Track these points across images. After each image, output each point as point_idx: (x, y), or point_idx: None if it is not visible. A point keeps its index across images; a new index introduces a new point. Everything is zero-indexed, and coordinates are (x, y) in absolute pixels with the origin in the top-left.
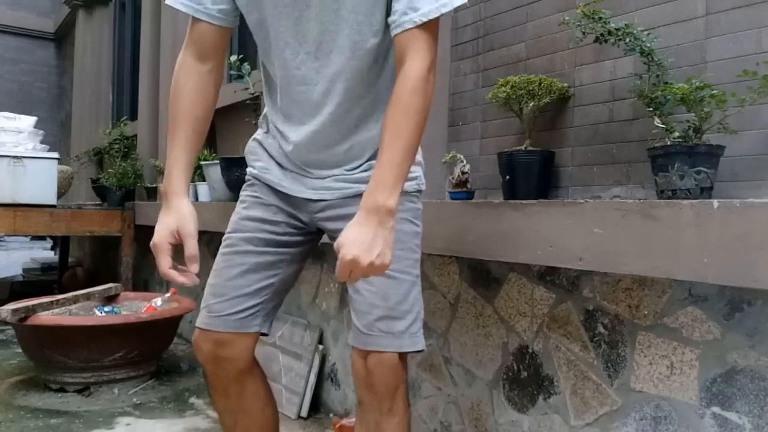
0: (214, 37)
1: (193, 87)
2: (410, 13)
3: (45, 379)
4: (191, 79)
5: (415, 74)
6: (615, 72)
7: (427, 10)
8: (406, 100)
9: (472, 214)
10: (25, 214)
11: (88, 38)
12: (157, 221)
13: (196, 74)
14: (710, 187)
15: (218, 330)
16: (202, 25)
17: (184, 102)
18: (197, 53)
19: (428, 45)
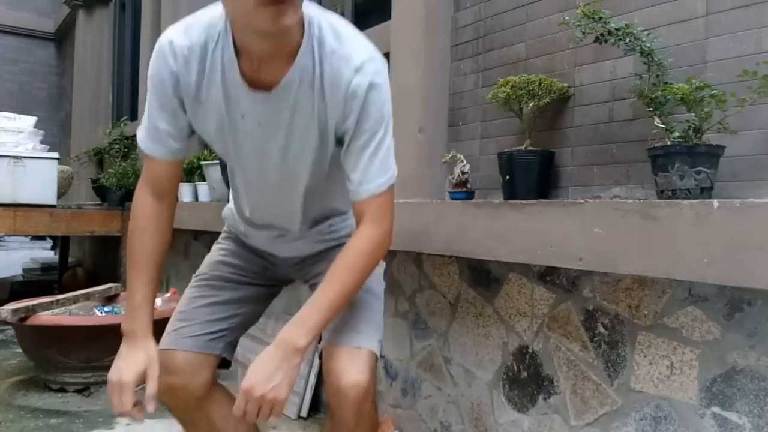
0: (171, 170)
1: (154, 228)
2: (366, 184)
3: (45, 379)
4: (152, 221)
5: (368, 239)
6: (615, 72)
7: (380, 182)
8: (353, 258)
9: (472, 214)
10: (25, 214)
11: (88, 38)
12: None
13: (156, 215)
14: (710, 187)
15: (184, 349)
16: (161, 163)
17: (147, 244)
18: (156, 191)
19: (383, 211)
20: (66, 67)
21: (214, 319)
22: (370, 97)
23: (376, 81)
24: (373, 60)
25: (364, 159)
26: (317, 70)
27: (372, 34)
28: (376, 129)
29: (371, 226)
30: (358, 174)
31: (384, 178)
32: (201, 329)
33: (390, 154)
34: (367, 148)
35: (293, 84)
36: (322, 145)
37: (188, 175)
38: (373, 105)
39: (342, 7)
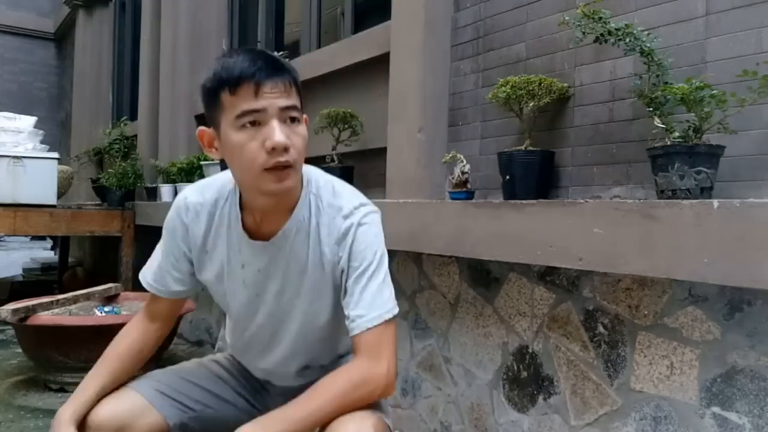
0: (170, 307)
1: (136, 333)
2: (357, 320)
3: (45, 379)
4: (137, 329)
5: (358, 369)
6: (615, 72)
7: (372, 317)
8: (337, 382)
9: (472, 214)
10: (25, 214)
11: (88, 38)
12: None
13: (141, 326)
14: (710, 187)
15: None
16: (163, 301)
17: (120, 346)
18: (149, 316)
19: (378, 346)
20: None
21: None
22: (358, 235)
23: (364, 221)
24: (363, 206)
25: (355, 294)
26: (314, 221)
27: (372, 34)
28: (366, 265)
29: (365, 360)
30: (351, 309)
31: (376, 312)
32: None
33: (384, 289)
34: (359, 283)
35: (290, 233)
36: (315, 289)
37: (188, 175)
38: (361, 242)
39: (342, 7)
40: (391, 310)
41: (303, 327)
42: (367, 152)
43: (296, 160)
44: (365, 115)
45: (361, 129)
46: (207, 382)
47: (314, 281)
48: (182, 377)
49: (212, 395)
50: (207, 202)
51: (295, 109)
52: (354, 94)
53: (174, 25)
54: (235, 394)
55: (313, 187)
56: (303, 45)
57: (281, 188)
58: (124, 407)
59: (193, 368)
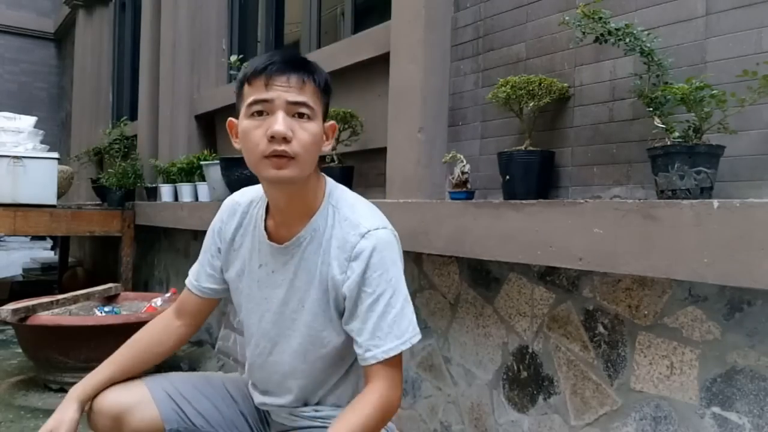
0: (198, 307)
1: (156, 327)
2: (373, 349)
3: (45, 379)
4: (160, 323)
5: (384, 398)
6: (615, 72)
7: (389, 347)
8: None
9: (472, 214)
10: (25, 214)
11: (88, 38)
12: None
13: (166, 320)
14: (710, 187)
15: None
16: (191, 295)
17: (146, 334)
18: (177, 311)
19: (393, 379)
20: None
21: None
22: (373, 261)
23: (381, 246)
24: (382, 229)
25: (371, 322)
26: (328, 233)
27: (372, 34)
28: (381, 292)
29: (385, 388)
30: (365, 338)
31: (394, 342)
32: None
33: (403, 318)
34: (373, 311)
35: (303, 241)
36: (320, 305)
37: (188, 176)
38: (376, 269)
39: (342, 7)
40: (409, 339)
41: (304, 344)
42: (367, 152)
43: (297, 153)
44: (365, 115)
45: (361, 129)
46: (217, 398)
47: (320, 295)
48: (195, 386)
49: (218, 412)
50: (243, 203)
51: (305, 105)
52: (354, 94)
53: (174, 25)
54: (241, 416)
55: (334, 199)
56: (303, 45)
57: (277, 176)
58: (127, 398)
59: (209, 381)
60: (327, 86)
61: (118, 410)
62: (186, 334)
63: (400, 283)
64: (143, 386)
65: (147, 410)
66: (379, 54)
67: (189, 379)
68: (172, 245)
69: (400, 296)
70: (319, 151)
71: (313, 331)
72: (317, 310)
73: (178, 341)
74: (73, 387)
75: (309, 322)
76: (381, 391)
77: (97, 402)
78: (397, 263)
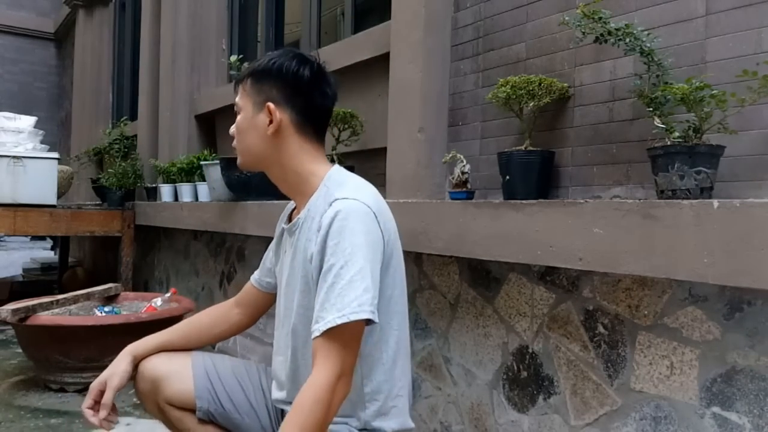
0: (257, 297)
1: (216, 310)
2: (319, 321)
3: (45, 379)
4: (220, 308)
5: (317, 385)
6: (615, 72)
7: (328, 320)
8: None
9: (472, 214)
10: (25, 214)
11: (88, 38)
12: None
13: (226, 307)
14: (710, 187)
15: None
16: (251, 286)
17: (204, 316)
18: (237, 301)
19: (335, 353)
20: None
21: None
22: (333, 229)
23: (342, 214)
24: (351, 199)
25: (321, 293)
26: (319, 210)
27: (372, 34)
28: (333, 262)
29: (322, 371)
30: (316, 310)
31: (333, 315)
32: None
33: (349, 291)
34: (325, 281)
35: (300, 222)
36: (305, 282)
37: (188, 176)
38: (333, 237)
39: (342, 7)
40: (348, 315)
41: (296, 324)
42: (367, 152)
43: (235, 145)
44: (365, 115)
45: (361, 129)
46: (250, 388)
47: (304, 272)
48: (234, 373)
49: (248, 402)
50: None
51: (235, 104)
52: (354, 94)
53: (174, 25)
54: (267, 410)
55: (329, 181)
56: (303, 45)
57: (239, 164)
58: (169, 367)
59: (247, 370)
60: (256, 73)
61: (158, 375)
62: (242, 323)
63: (357, 254)
64: (188, 359)
65: (183, 382)
66: (379, 54)
67: (231, 364)
68: (172, 245)
69: (353, 268)
70: (251, 137)
71: (302, 309)
72: (303, 288)
73: (233, 328)
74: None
75: (300, 300)
76: (318, 376)
77: (142, 364)
78: (358, 234)
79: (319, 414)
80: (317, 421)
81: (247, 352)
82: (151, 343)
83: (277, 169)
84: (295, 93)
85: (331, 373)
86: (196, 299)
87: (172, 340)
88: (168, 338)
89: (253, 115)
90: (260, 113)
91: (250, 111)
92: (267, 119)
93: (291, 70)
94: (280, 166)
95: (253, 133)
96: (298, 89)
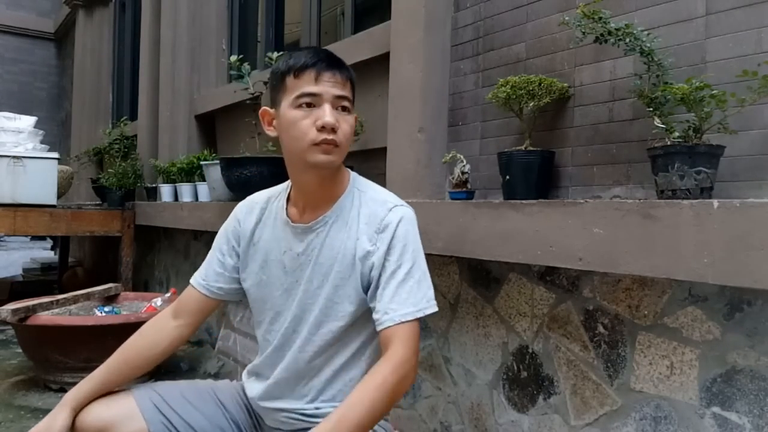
0: (201, 304)
1: (150, 331)
2: (390, 313)
3: (45, 379)
4: (155, 324)
5: (399, 357)
6: (615, 72)
7: (406, 312)
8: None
9: (472, 214)
10: (25, 214)
11: (88, 38)
12: None
13: (161, 322)
14: (710, 187)
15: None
16: (193, 292)
17: (140, 337)
18: (175, 311)
19: (411, 339)
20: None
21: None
22: (399, 232)
23: (405, 220)
24: (405, 206)
25: (390, 288)
26: (354, 212)
27: (372, 34)
28: (402, 262)
29: (401, 347)
30: (384, 303)
31: (411, 308)
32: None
33: (419, 289)
34: (394, 278)
35: (329, 220)
36: (343, 278)
37: (188, 176)
38: (400, 239)
39: (342, 7)
40: (423, 309)
41: (320, 316)
42: (367, 152)
43: (341, 141)
44: (365, 115)
45: (361, 129)
46: (205, 407)
47: (343, 268)
48: (184, 396)
49: (206, 421)
50: (260, 200)
51: (347, 100)
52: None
53: (174, 25)
54: (231, 423)
55: (359, 184)
56: (303, 45)
57: (326, 160)
58: (112, 412)
59: (197, 389)
60: (354, 84)
61: (103, 425)
62: (183, 335)
63: (419, 257)
64: (130, 398)
65: (134, 424)
66: (379, 54)
67: (178, 388)
68: (172, 245)
69: (419, 269)
70: (353, 140)
71: (330, 302)
72: (339, 283)
73: (174, 342)
74: (67, 392)
75: (329, 294)
76: (398, 353)
77: (79, 419)
78: (417, 239)
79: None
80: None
81: (247, 352)
82: (88, 388)
83: (335, 171)
84: None
85: (408, 353)
86: None
87: (111, 378)
88: (106, 376)
89: (355, 119)
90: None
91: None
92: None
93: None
94: (337, 169)
95: (353, 136)
96: None
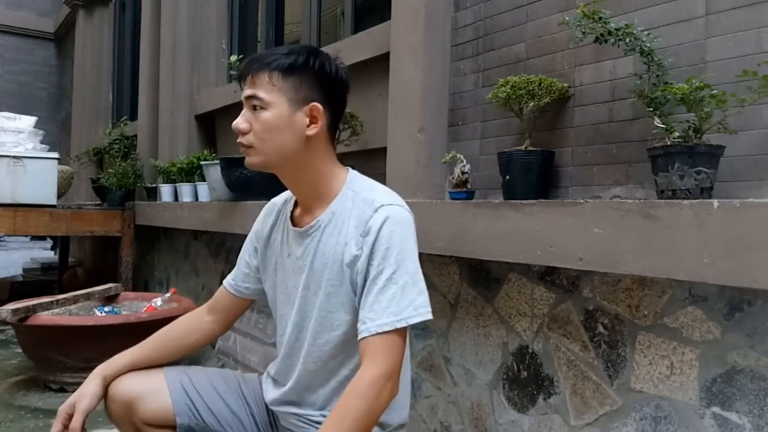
0: (233, 303)
1: (187, 320)
2: (368, 322)
3: (45, 379)
4: (191, 317)
5: (366, 381)
6: (615, 72)
7: (383, 322)
8: (348, 402)
9: (472, 214)
10: (25, 214)
11: (88, 38)
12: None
13: (197, 315)
14: (710, 187)
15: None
16: (226, 292)
17: (175, 325)
18: (209, 307)
19: (386, 352)
20: (66, 67)
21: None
22: (382, 234)
23: (391, 221)
24: (395, 206)
25: (371, 295)
26: (345, 214)
27: (372, 34)
28: (384, 267)
29: (371, 368)
30: (363, 312)
31: (390, 318)
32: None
33: (403, 296)
34: (375, 284)
35: (322, 224)
36: (334, 285)
37: (188, 176)
38: (383, 242)
39: (342, 7)
40: (408, 318)
41: (316, 326)
42: (367, 152)
43: (252, 142)
44: (365, 115)
45: (361, 129)
46: (230, 398)
47: (333, 275)
48: (212, 384)
49: (230, 411)
50: (279, 202)
51: (255, 98)
52: (354, 94)
53: (174, 25)
54: (251, 419)
55: (354, 185)
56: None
57: (247, 162)
58: (143, 386)
59: (225, 379)
60: (291, 68)
61: (131, 397)
62: (214, 330)
63: (407, 260)
64: (161, 376)
65: (160, 400)
66: (379, 54)
67: (207, 375)
68: (172, 245)
69: (405, 274)
70: (285, 137)
71: (324, 311)
72: (330, 291)
73: (206, 336)
74: (99, 365)
75: (322, 303)
76: (369, 372)
77: (112, 387)
78: (407, 240)
79: (363, 409)
80: (360, 416)
81: (247, 352)
82: (121, 363)
83: (304, 171)
84: (334, 95)
85: (379, 371)
86: (196, 299)
87: (143, 357)
88: (138, 355)
89: (290, 114)
90: (298, 112)
91: (285, 108)
92: (307, 120)
93: (332, 71)
94: (307, 168)
95: (288, 133)
96: (338, 91)
